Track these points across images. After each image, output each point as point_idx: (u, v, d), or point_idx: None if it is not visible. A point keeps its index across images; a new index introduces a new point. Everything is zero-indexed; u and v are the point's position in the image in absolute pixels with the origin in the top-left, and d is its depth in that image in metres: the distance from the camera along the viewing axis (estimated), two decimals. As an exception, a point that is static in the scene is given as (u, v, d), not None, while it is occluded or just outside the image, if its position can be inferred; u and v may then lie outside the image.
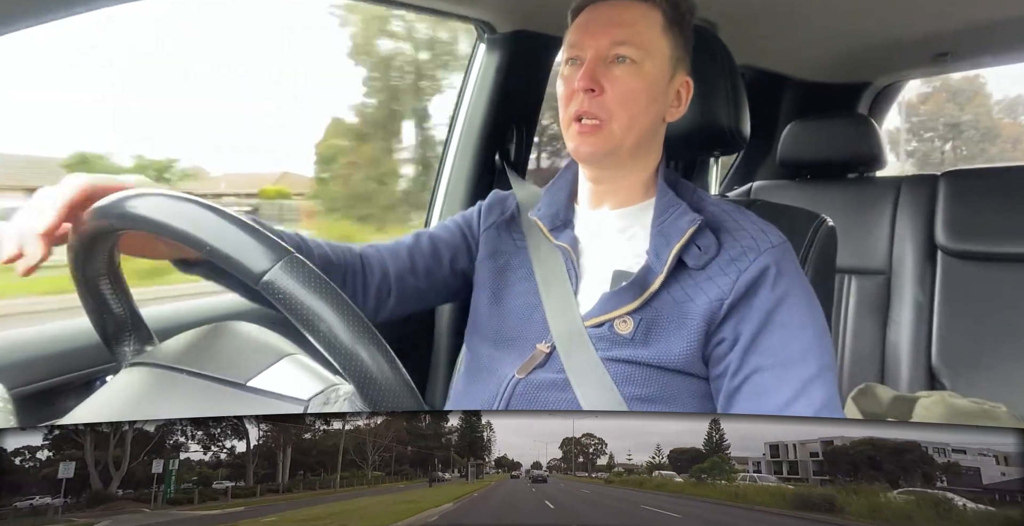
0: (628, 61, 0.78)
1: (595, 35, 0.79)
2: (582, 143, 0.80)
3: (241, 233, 0.49)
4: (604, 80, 0.78)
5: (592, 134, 0.79)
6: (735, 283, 0.77)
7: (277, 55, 2.76)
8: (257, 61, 2.63)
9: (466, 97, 1.46)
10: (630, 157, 0.83)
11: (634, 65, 0.78)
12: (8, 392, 0.63)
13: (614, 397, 0.77)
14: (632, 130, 0.80)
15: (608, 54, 0.78)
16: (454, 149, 1.48)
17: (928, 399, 1.34)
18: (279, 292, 0.47)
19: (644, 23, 0.79)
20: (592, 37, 0.79)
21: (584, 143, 0.80)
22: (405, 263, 0.92)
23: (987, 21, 1.60)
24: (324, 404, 0.53)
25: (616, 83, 0.78)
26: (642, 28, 0.79)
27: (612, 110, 0.78)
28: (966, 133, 11.52)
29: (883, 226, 1.68)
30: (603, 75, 0.78)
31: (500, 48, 1.41)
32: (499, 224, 0.95)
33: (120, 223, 0.53)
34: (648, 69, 0.79)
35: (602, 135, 0.79)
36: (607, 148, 0.80)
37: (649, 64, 0.79)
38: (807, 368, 0.73)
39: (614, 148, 0.80)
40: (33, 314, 1.32)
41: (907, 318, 1.60)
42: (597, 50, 0.78)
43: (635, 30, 0.79)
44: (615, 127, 0.79)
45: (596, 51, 0.78)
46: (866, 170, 1.79)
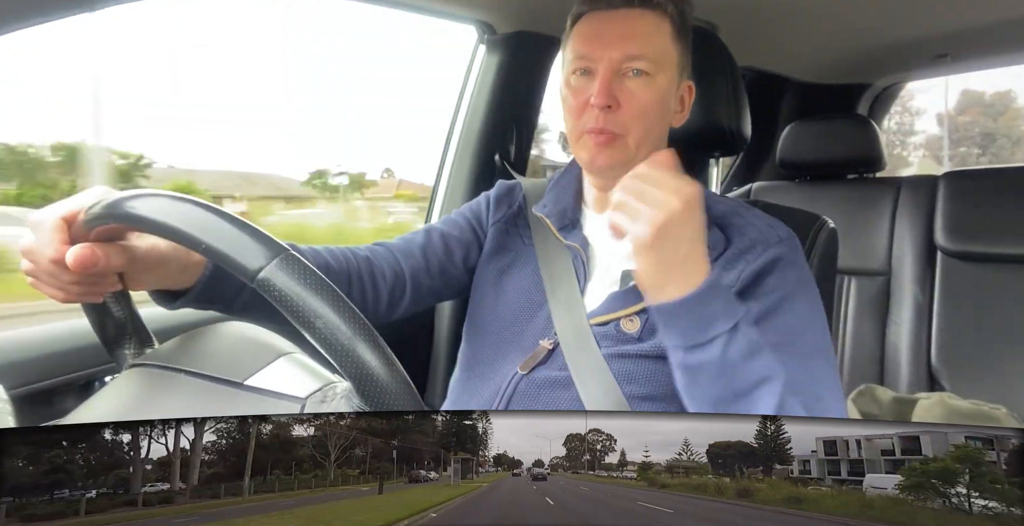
0: (643, 74, 0.77)
1: (608, 47, 0.77)
2: (598, 155, 0.79)
3: (236, 231, 0.49)
4: (620, 95, 0.77)
5: (608, 146, 0.78)
6: (741, 273, 0.76)
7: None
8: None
9: (466, 97, 1.46)
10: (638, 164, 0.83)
11: (648, 78, 0.77)
12: (7, 392, 0.63)
13: (616, 395, 0.77)
14: (646, 142, 0.79)
15: (622, 67, 0.77)
16: (454, 149, 1.48)
17: (928, 400, 1.34)
18: (275, 290, 0.46)
19: (657, 34, 0.78)
20: (605, 49, 0.77)
21: (600, 156, 0.79)
22: (419, 262, 0.90)
23: (987, 22, 1.60)
24: (321, 401, 0.53)
25: (632, 98, 0.77)
26: (655, 40, 0.78)
27: (627, 124, 0.77)
28: (999, 141, 12.90)
29: (883, 227, 1.68)
30: (618, 89, 0.77)
31: (500, 49, 1.41)
32: (507, 218, 0.94)
33: (117, 223, 0.54)
34: (661, 81, 0.78)
35: (617, 148, 0.78)
36: (622, 160, 0.78)
37: (662, 76, 0.78)
38: (815, 349, 0.73)
39: (628, 160, 0.78)
40: (32, 315, 1.31)
41: (907, 319, 1.60)
42: (611, 63, 0.76)
43: (649, 42, 0.77)
44: (630, 140, 0.78)
45: (610, 64, 0.76)
46: (866, 171, 1.79)
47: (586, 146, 0.79)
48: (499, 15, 1.35)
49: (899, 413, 1.35)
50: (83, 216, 0.56)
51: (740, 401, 0.65)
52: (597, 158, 0.79)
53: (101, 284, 0.62)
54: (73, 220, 0.58)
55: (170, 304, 0.71)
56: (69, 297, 0.60)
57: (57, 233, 0.57)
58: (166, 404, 0.56)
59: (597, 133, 0.77)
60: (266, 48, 1.41)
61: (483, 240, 0.95)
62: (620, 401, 0.77)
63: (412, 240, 0.93)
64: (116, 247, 0.59)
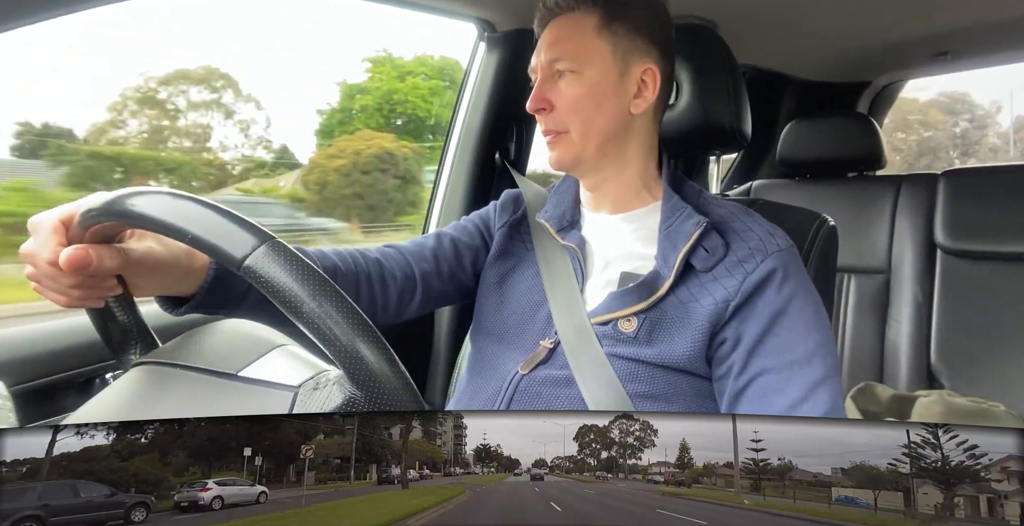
0: (569, 73, 0.82)
1: (539, 56, 0.84)
2: (551, 154, 0.85)
3: (222, 219, 0.49)
4: (551, 96, 0.83)
5: (557, 144, 0.84)
6: (741, 284, 0.77)
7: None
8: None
9: (466, 96, 1.46)
10: (600, 159, 0.84)
11: (574, 75, 0.82)
12: (8, 389, 0.63)
13: (619, 394, 0.77)
14: (591, 134, 0.83)
15: (551, 72, 0.83)
16: (454, 148, 1.48)
17: (927, 398, 1.34)
18: (260, 276, 0.47)
19: (576, 33, 0.82)
20: (537, 58, 0.84)
21: (553, 153, 0.85)
22: (431, 266, 0.92)
23: (987, 21, 1.60)
24: (314, 389, 0.53)
25: (560, 97, 0.82)
26: (574, 39, 0.82)
27: (565, 122, 0.83)
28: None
29: (882, 225, 1.68)
30: (549, 91, 0.83)
31: (500, 47, 1.41)
32: (511, 223, 0.96)
33: (110, 220, 0.55)
34: (590, 74, 0.82)
35: (563, 145, 0.84)
36: (571, 155, 0.84)
37: (589, 69, 0.82)
38: (813, 371, 0.73)
39: (578, 154, 0.84)
40: (33, 316, 1.31)
41: (906, 317, 1.60)
42: (542, 70, 0.83)
43: (568, 43, 0.82)
44: (573, 135, 0.83)
45: (541, 72, 0.83)
46: (866, 169, 1.79)
47: (548, 147, 0.85)
48: (499, 13, 1.35)
49: (898, 411, 1.36)
50: (79, 218, 0.57)
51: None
52: (551, 156, 0.85)
53: (101, 288, 0.62)
54: (71, 223, 0.58)
55: (175, 310, 0.71)
56: (71, 301, 0.60)
57: (55, 235, 0.58)
58: (171, 399, 0.56)
59: (545, 134, 0.85)
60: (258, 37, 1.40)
61: (491, 245, 0.96)
62: (622, 398, 0.77)
63: (423, 244, 0.94)
64: (110, 249, 0.59)
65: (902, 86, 2.29)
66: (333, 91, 6.18)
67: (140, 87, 4.82)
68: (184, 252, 0.66)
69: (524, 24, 1.37)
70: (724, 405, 0.77)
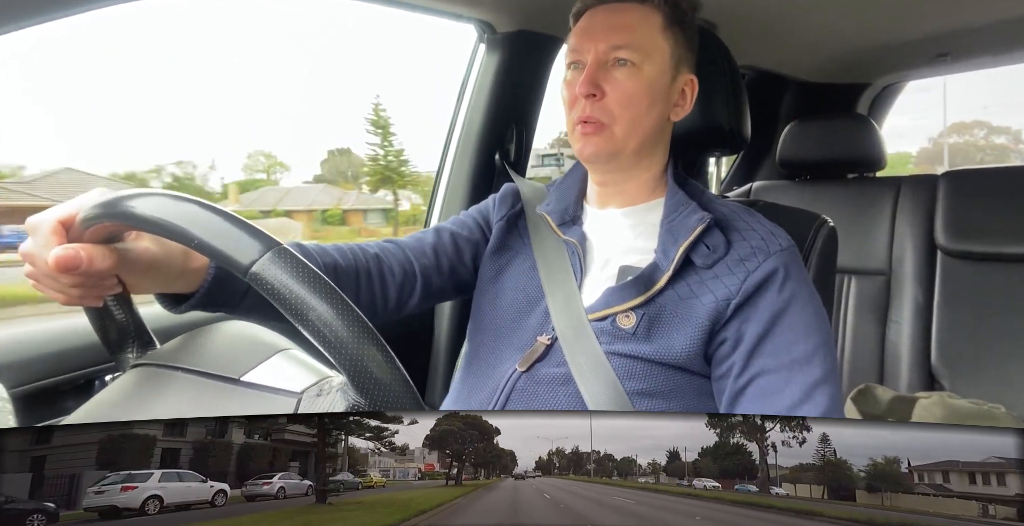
0: (628, 64, 0.79)
1: (595, 39, 0.80)
2: (586, 144, 0.81)
3: (228, 225, 0.49)
4: (605, 84, 0.79)
5: (595, 134, 0.80)
6: (743, 283, 0.77)
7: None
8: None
9: (466, 97, 1.46)
10: (634, 158, 0.84)
11: (634, 67, 0.79)
12: (8, 391, 0.63)
13: (617, 391, 0.76)
14: (635, 132, 0.81)
15: (608, 58, 0.79)
16: (454, 149, 1.48)
17: (927, 400, 1.34)
18: (266, 283, 0.46)
19: (643, 25, 0.80)
20: (592, 41, 0.80)
21: (588, 144, 0.81)
22: (431, 261, 0.91)
23: (987, 21, 1.60)
24: (317, 395, 0.53)
25: (616, 87, 0.79)
26: (641, 30, 0.80)
27: (614, 113, 0.79)
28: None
29: (883, 226, 1.68)
30: (603, 79, 0.79)
31: (500, 48, 1.41)
32: (509, 217, 0.95)
33: (111, 221, 0.54)
34: (648, 71, 0.80)
35: (604, 136, 0.80)
36: (609, 150, 0.81)
37: (649, 66, 0.80)
38: (813, 372, 0.73)
39: (617, 150, 0.81)
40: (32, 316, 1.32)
41: (907, 318, 1.60)
42: (597, 54, 0.79)
43: (634, 33, 0.79)
44: (617, 130, 0.80)
45: (596, 55, 0.79)
46: (866, 170, 1.79)
47: (576, 136, 0.81)
48: (499, 14, 1.35)
49: (899, 412, 1.36)
50: (79, 218, 0.56)
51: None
52: (585, 147, 0.81)
53: (100, 287, 0.61)
54: (71, 223, 0.58)
55: (175, 308, 0.71)
56: (70, 300, 0.60)
57: (53, 236, 0.57)
58: (168, 402, 0.56)
59: (584, 122, 0.80)
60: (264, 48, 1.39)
61: (490, 239, 0.95)
62: (621, 396, 0.76)
63: (423, 238, 0.93)
64: (103, 249, 0.58)
65: (902, 87, 2.29)
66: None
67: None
68: (181, 252, 0.66)
69: (524, 26, 1.37)
70: (723, 405, 0.77)
